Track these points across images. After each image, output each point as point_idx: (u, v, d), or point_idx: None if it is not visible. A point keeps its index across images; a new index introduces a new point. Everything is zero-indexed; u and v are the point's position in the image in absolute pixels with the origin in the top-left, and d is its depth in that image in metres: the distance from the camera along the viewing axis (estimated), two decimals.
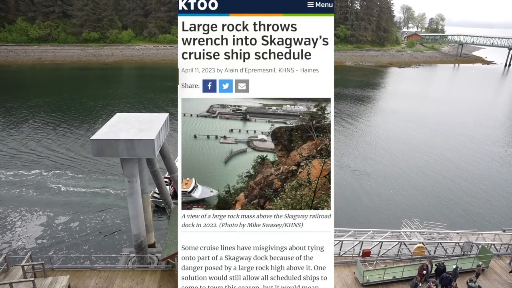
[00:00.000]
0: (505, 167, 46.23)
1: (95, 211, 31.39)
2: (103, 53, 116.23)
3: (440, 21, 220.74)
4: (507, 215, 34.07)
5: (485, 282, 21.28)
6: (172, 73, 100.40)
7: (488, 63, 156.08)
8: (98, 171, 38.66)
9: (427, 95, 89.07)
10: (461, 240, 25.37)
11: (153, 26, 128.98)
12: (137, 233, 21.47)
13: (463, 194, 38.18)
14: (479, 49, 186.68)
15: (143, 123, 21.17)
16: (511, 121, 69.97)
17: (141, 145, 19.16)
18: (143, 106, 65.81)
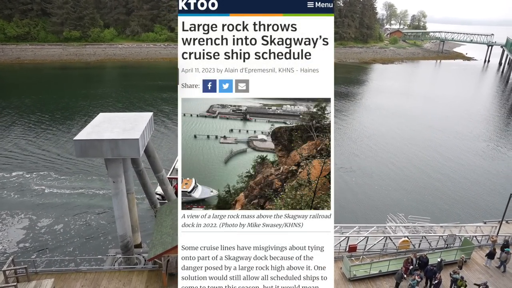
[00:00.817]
0: (487, 161, 47.37)
1: (79, 212, 30.91)
2: (85, 52, 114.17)
3: (422, 18, 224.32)
4: (488, 208, 34.93)
5: (467, 273, 21.80)
6: (156, 71, 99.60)
7: (469, 59, 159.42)
8: (83, 172, 38.06)
9: (411, 91, 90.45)
10: (445, 233, 25.95)
11: (135, 25, 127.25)
12: (123, 233, 21.25)
13: (447, 188, 38.98)
14: (459, 45, 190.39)
15: (127, 123, 20.94)
16: (493, 116, 71.67)
17: (126, 145, 18.96)
18: (127, 106, 65.03)
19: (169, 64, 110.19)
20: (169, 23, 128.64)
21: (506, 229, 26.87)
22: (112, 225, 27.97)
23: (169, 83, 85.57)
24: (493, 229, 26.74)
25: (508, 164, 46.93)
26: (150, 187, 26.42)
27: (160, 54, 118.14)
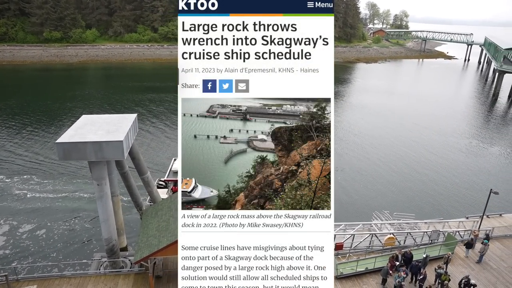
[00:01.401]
0: (469, 158, 48.40)
1: (63, 216, 30.32)
2: (66, 53, 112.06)
3: (404, 18, 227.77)
4: (470, 203, 35.69)
5: (451, 267, 22.22)
6: (139, 72, 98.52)
7: (450, 58, 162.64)
8: (66, 175, 37.37)
9: (395, 90, 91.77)
10: (429, 229, 26.38)
11: (118, 25, 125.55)
12: (108, 236, 20.95)
13: (431, 184, 39.67)
14: (441, 44, 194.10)
15: (111, 125, 20.67)
16: (474, 114, 73.31)
17: (110, 147, 18.71)
18: (111, 107, 64.12)
19: (152, 65, 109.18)
20: (152, 23, 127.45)
21: (487, 223, 27.50)
22: (97, 229, 27.53)
23: (153, 84, 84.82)
24: (475, 223, 27.33)
25: (489, 160, 48.06)
26: (135, 189, 26.11)
27: (144, 55, 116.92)
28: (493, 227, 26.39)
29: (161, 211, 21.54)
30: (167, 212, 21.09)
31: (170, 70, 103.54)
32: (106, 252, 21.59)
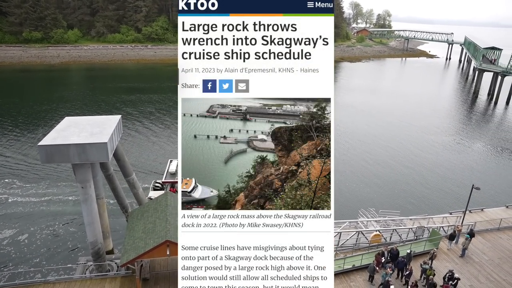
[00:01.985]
0: (453, 154, 49.40)
1: (46, 221, 29.73)
2: (47, 54, 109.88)
3: (387, 17, 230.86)
4: (454, 199, 36.43)
5: (435, 262, 22.64)
6: (124, 73, 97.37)
7: (432, 56, 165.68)
8: (50, 178, 36.66)
9: (379, 89, 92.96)
10: (414, 225, 26.80)
11: (101, 26, 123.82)
12: (94, 240, 20.65)
13: (415, 181, 40.33)
14: (423, 43, 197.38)
15: (95, 126, 20.41)
16: (456, 111, 74.89)
17: (94, 149, 18.49)
18: (95, 109, 63.21)
19: (136, 65, 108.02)
20: (136, 23, 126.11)
21: (469, 218, 28.11)
22: (82, 232, 27.10)
23: (138, 84, 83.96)
24: (458, 219, 27.89)
25: (471, 156, 49.15)
26: (121, 191, 25.82)
27: (128, 56, 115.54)
28: (475, 222, 27.01)
29: (147, 213, 21.34)
30: (153, 214, 20.90)
31: (155, 71, 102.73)
32: (91, 256, 21.28)
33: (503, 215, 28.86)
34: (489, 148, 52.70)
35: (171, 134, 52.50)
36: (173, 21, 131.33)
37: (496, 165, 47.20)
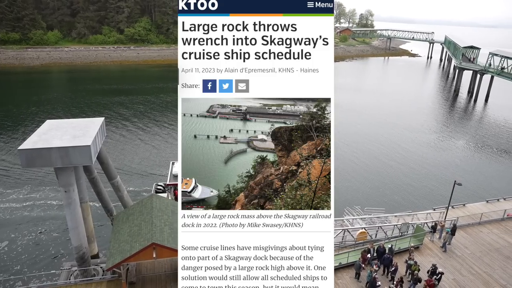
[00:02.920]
0: (435, 151, 50.35)
1: (28, 226, 29.07)
2: (26, 56, 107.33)
3: (369, 17, 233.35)
4: (437, 195, 37.13)
5: (420, 257, 23.06)
6: (106, 75, 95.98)
7: (414, 55, 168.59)
8: (31, 182, 35.87)
9: (363, 88, 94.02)
10: (399, 222, 27.21)
11: (82, 27, 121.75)
12: (78, 244, 20.31)
13: (400, 179, 40.95)
14: (405, 43, 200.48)
15: (77, 129, 20.11)
16: (439, 109, 76.31)
17: (76, 152, 18.21)
18: (77, 112, 62.09)
19: (119, 67, 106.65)
20: (118, 24, 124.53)
21: (452, 213, 28.69)
22: (65, 237, 26.60)
23: (122, 86, 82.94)
24: (441, 214, 28.44)
25: (454, 153, 50.22)
26: (105, 195, 25.47)
27: (110, 57, 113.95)
28: (458, 217, 27.58)
29: (133, 216, 21.09)
30: (138, 217, 20.67)
31: (138, 72, 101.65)
32: (76, 261, 20.93)
33: (483, 209, 29.57)
34: (470, 145, 53.91)
35: (163, 135, 52.08)
36: (156, 22, 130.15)
37: (476, 161, 48.33)
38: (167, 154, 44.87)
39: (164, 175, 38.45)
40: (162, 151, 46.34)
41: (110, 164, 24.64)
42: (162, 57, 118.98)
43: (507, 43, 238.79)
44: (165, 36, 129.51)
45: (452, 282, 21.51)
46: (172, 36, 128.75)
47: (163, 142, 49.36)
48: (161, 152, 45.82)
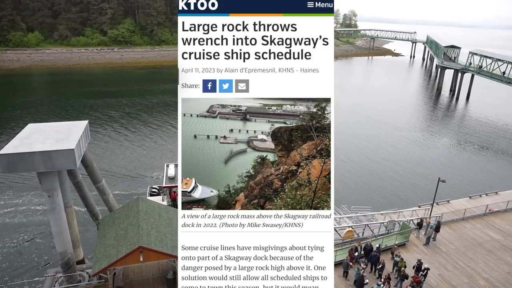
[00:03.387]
0: (421, 149, 51.20)
1: (10, 233, 28.38)
2: (6, 58, 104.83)
3: (353, 17, 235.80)
4: (422, 192, 37.73)
5: (406, 254, 23.41)
6: (90, 77, 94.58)
7: (397, 55, 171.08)
8: (13, 187, 35.05)
9: (348, 87, 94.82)
10: (385, 219, 27.53)
11: (64, 28, 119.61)
12: (63, 250, 19.94)
13: (386, 177, 41.47)
14: (388, 42, 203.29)
15: (61, 133, 19.78)
16: (423, 108, 77.60)
17: (60, 156, 17.90)
18: (60, 115, 61.02)
19: (103, 69, 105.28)
20: (101, 26, 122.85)
21: (437, 210, 29.19)
22: (50, 243, 26.08)
23: (106, 88, 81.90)
24: (426, 211, 28.90)
25: (438, 151, 51.15)
26: (91, 199, 25.10)
27: (94, 59, 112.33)
28: (442, 213, 28.08)
29: (119, 220, 20.83)
30: (125, 220, 20.43)
31: (122, 74, 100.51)
32: (61, 267, 20.53)
33: (467, 205, 30.20)
34: (453, 142, 54.98)
35: (151, 137, 51.60)
36: (140, 23, 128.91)
37: (459, 158, 49.32)
38: (156, 156, 44.56)
39: (154, 177, 38.21)
40: (152, 153, 45.99)
41: (95, 167, 24.29)
42: (146, 58, 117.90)
43: (485, 43, 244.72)
44: (149, 37, 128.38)
45: (438, 277, 21.88)
46: (156, 37, 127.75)
47: (152, 144, 49.01)
48: (151, 154, 45.49)
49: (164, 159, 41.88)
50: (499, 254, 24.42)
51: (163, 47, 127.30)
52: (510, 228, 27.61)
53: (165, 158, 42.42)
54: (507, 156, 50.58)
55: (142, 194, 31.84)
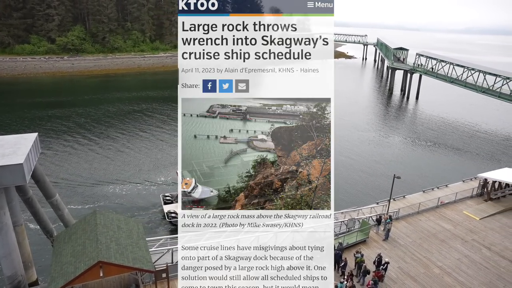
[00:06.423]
0: (376, 148, 53.25)
1: None
2: None
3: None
4: (379, 189, 39.14)
5: (367, 250, 24.16)
6: (37, 88, 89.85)
7: (350, 57, 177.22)
8: None
9: None
10: (345, 218, 28.25)
11: (5, 35, 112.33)
12: (12, 273, 18.67)
13: (344, 176, 42.60)
14: (341, 45, 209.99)
15: (7, 147, 18.64)
16: (376, 108, 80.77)
17: (7, 172, 16.89)
18: (6, 128, 57.26)
19: (52, 78, 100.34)
20: (48, 33, 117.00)
21: (394, 205, 30.42)
22: None
23: (56, 99, 78.13)
24: (384, 207, 30.01)
25: (392, 148, 53.62)
26: (43, 215, 23.72)
27: (41, 68, 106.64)
28: (399, 208, 29.31)
29: (75, 235, 19.85)
30: (82, 235, 19.49)
31: (74, 83, 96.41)
32: None
33: (420, 199, 31.76)
34: (407, 140, 57.73)
35: (111, 147, 49.72)
36: (90, 30, 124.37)
37: (412, 154, 51.93)
38: (119, 166, 43.13)
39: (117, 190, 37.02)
40: (113, 162, 44.44)
41: (47, 181, 23.02)
42: (99, 67, 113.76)
43: (429, 44, 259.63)
44: (101, 45, 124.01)
45: (398, 270, 22.77)
46: (108, 45, 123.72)
47: (114, 153, 47.40)
48: (114, 163, 43.97)
49: (128, 168, 40.90)
50: (451, 243, 25.90)
51: (116, 55, 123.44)
52: (459, 218, 29.38)
53: (129, 168, 41.43)
54: (455, 150, 53.87)
55: (103, 207, 30.77)
